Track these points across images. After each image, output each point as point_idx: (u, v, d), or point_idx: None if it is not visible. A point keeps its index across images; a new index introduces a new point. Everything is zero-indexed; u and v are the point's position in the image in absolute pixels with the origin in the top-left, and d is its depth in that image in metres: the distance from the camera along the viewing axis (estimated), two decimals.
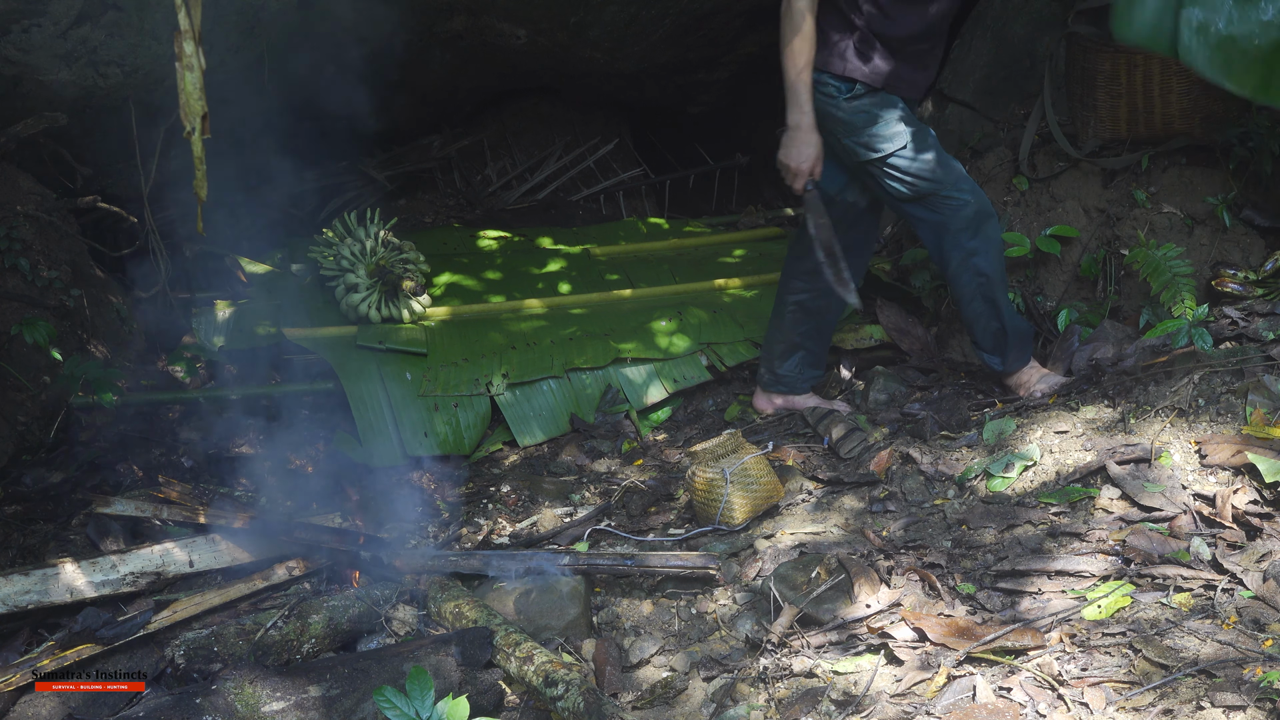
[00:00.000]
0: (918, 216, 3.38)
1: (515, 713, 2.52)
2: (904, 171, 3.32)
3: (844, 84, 3.29)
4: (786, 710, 2.33)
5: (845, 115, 3.29)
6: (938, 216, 3.34)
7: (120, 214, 4.15)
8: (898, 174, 3.32)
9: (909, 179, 3.32)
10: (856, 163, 3.36)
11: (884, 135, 3.30)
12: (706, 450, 3.14)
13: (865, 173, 3.38)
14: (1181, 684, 2.09)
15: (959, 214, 3.32)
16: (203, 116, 2.89)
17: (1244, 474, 2.62)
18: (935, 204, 3.34)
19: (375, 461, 3.76)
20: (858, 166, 3.38)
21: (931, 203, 3.34)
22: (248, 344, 4.14)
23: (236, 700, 2.37)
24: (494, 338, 4.20)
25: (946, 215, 3.33)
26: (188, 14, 2.72)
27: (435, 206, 5.88)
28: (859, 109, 3.29)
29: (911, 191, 3.33)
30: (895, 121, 3.30)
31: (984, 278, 3.37)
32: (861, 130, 3.30)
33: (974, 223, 3.34)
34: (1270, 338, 3.05)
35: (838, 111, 3.29)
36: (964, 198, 3.32)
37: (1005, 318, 3.42)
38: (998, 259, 3.40)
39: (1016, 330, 3.44)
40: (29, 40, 3.52)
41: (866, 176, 3.39)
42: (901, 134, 3.30)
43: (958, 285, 3.42)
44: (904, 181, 3.32)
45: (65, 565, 2.80)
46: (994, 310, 3.40)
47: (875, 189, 3.42)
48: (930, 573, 2.63)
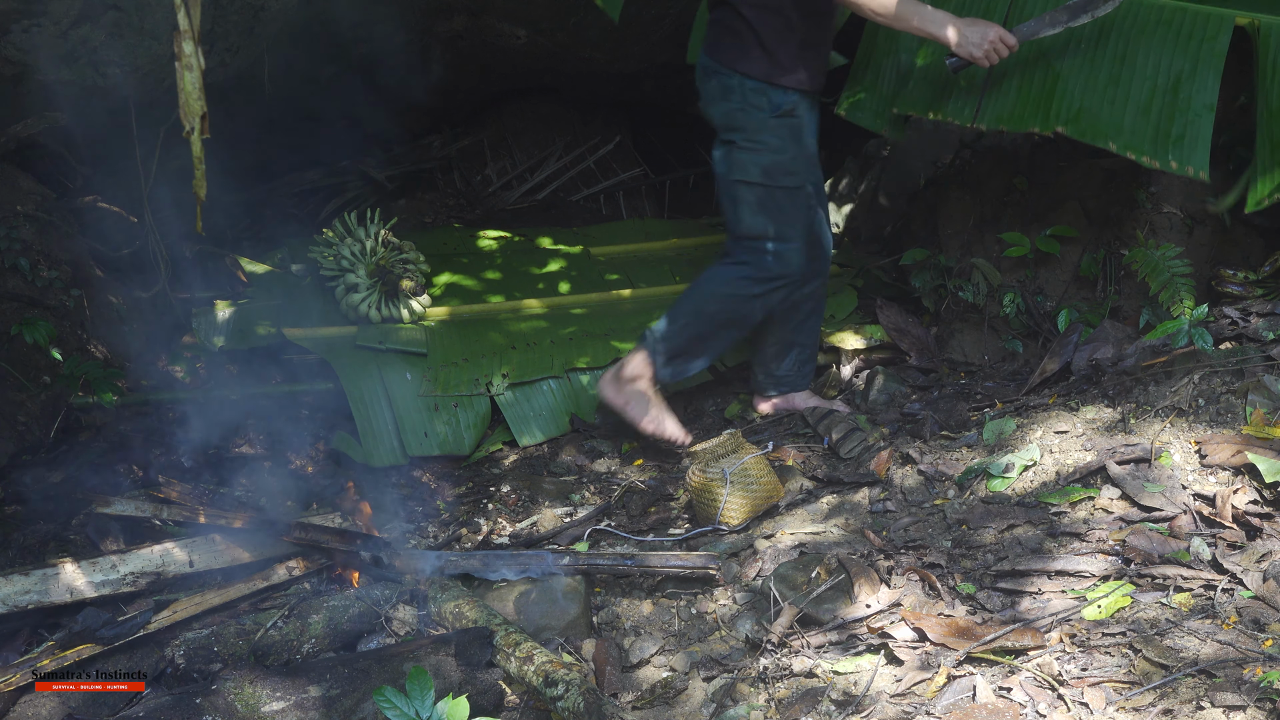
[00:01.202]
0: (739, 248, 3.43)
1: (515, 713, 2.52)
2: (757, 210, 3.36)
3: (784, 95, 3.30)
4: (786, 710, 2.33)
5: (770, 127, 3.30)
6: (748, 256, 3.41)
7: (120, 214, 4.15)
8: (752, 205, 3.36)
9: (759, 220, 3.36)
10: (726, 174, 3.37)
11: (787, 168, 3.33)
12: (706, 450, 3.14)
13: (725, 181, 3.38)
14: (1181, 684, 2.09)
15: (767, 262, 3.41)
16: (202, 116, 2.89)
17: (1244, 474, 2.62)
18: (757, 247, 3.38)
19: (375, 461, 3.76)
20: (724, 178, 3.38)
21: (757, 245, 3.38)
22: (248, 344, 4.14)
23: (236, 700, 2.37)
24: (494, 338, 4.20)
25: (755, 258, 3.40)
26: (187, 14, 2.73)
27: (435, 206, 5.88)
28: (784, 125, 3.32)
29: (751, 231, 3.36)
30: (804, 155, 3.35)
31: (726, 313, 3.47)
32: (771, 150, 3.31)
33: (767, 276, 3.42)
34: (1270, 338, 3.05)
35: (757, 116, 3.29)
36: (789, 256, 3.41)
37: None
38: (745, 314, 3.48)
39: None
40: (29, 40, 3.51)
41: (726, 184, 3.39)
42: (802, 172, 3.36)
43: (706, 298, 3.50)
44: (752, 216, 3.36)
45: (65, 565, 2.80)
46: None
47: (724, 198, 3.41)
48: (930, 573, 2.63)
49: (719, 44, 3.30)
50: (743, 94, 3.28)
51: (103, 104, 3.87)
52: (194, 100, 2.89)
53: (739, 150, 3.33)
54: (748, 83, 3.27)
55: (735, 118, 3.31)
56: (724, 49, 3.29)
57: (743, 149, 3.32)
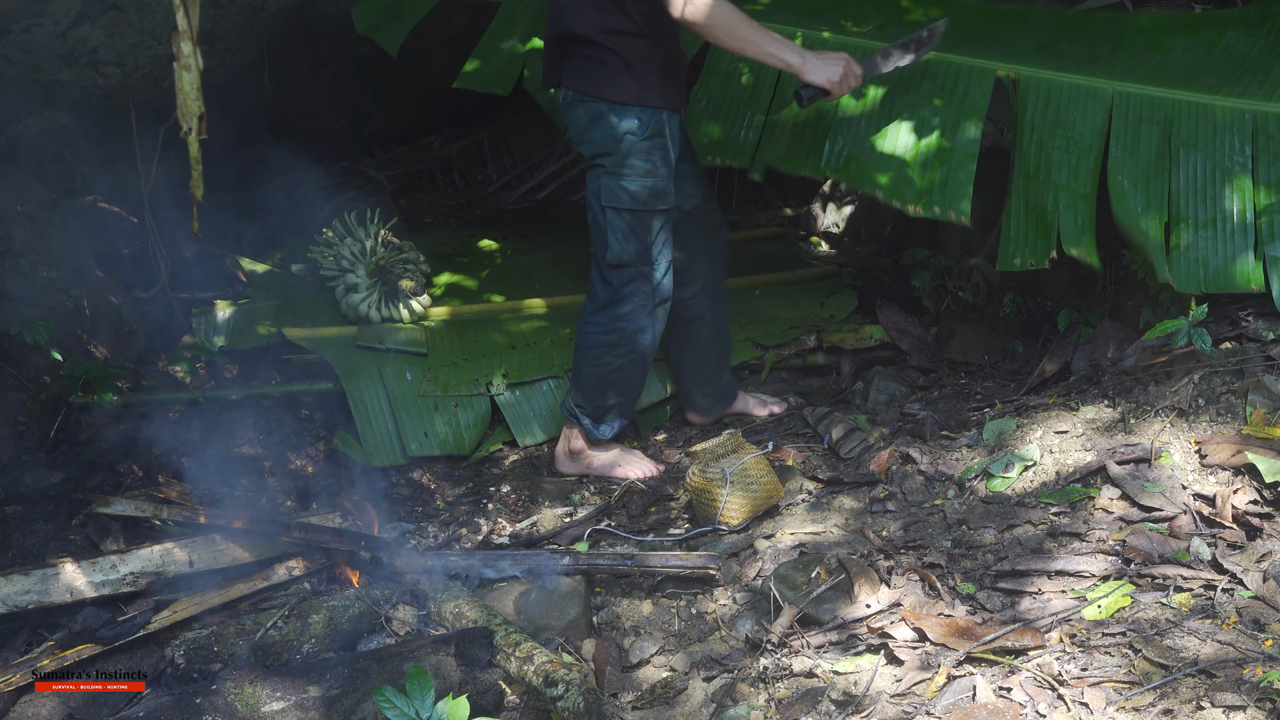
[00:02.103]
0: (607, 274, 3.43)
1: (515, 713, 2.52)
2: (627, 236, 3.35)
3: (653, 115, 3.29)
4: (786, 710, 2.33)
5: (640, 151, 3.28)
6: (619, 286, 3.41)
7: (120, 214, 4.15)
8: (623, 231, 3.34)
9: (629, 247, 3.35)
10: (595, 202, 3.35)
11: (659, 190, 3.32)
12: (706, 450, 3.14)
13: (595, 208, 3.37)
14: (1181, 684, 2.09)
15: (641, 289, 3.40)
16: (200, 116, 2.89)
17: (1244, 474, 2.62)
18: (627, 274, 3.39)
19: (375, 461, 3.76)
20: (593, 206, 3.38)
21: (626, 273, 3.38)
22: (248, 344, 4.14)
23: (236, 700, 2.37)
24: (494, 338, 4.20)
25: (627, 287, 3.40)
26: (186, 14, 2.73)
27: (435, 206, 5.88)
28: (654, 146, 3.30)
29: (620, 258, 3.36)
30: (666, 178, 3.33)
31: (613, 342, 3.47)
32: (640, 175, 3.30)
33: (648, 302, 3.42)
34: (1270, 338, 3.05)
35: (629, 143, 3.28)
36: (658, 277, 3.41)
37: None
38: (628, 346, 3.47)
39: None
40: (29, 40, 3.51)
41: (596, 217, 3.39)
42: (672, 193, 3.36)
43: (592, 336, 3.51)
44: (622, 243, 3.35)
45: (65, 565, 2.80)
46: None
47: (593, 226, 3.41)
48: (930, 573, 2.63)
49: (582, 73, 3.25)
50: (613, 120, 3.25)
51: (103, 104, 3.87)
52: (192, 101, 2.89)
53: (608, 176, 3.29)
54: (616, 108, 3.24)
55: (604, 144, 3.27)
56: (587, 77, 3.24)
57: (613, 174, 3.29)
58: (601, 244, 3.38)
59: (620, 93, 3.22)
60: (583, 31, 3.20)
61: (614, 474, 3.62)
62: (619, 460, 3.63)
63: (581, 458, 3.65)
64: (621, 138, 3.24)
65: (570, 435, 3.65)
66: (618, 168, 3.27)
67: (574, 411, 3.59)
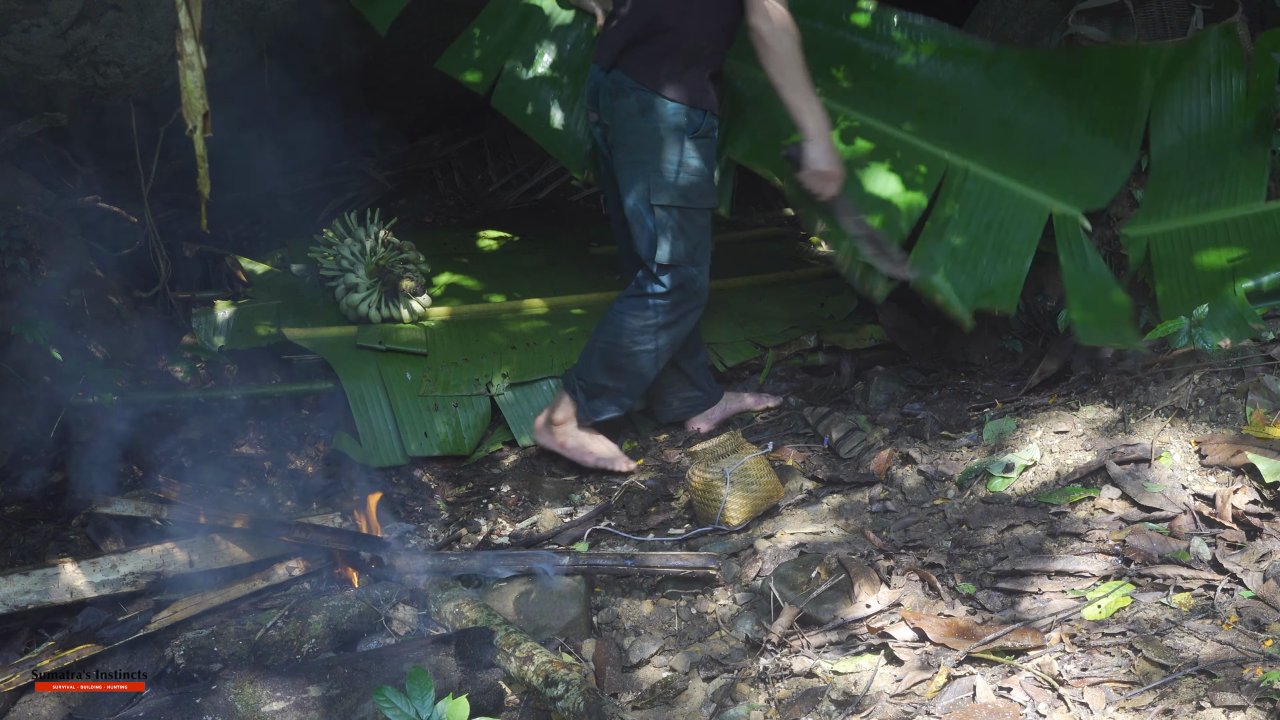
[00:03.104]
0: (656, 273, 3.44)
1: (515, 713, 2.52)
2: (677, 235, 3.37)
3: (704, 118, 3.34)
4: (786, 710, 2.33)
5: (689, 149, 3.33)
6: (665, 284, 3.42)
7: (120, 214, 4.15)
8: (672, 230, 3.36)
9: (679, 246, 3.38)
10: (641, 198, 3.36)
11: (704, 189, 3.38)
12: (706, 450, 3.14)
13: (640, 205, 3.38)
14: (1181, 684, 2.09)
15: (687, 288, 3.44)
16: (204, 115, 2.89)
17: (1244, 474, 2.62)
18: (676, 274, 3.40)
19: (375, 461, 3.76)
20: (638, 205, 3.38)
21: (676, 272, 3.40)
22: (248, 344, 4.14)
23: (236, 700, 2.37)
24: (494, 338, 4.20)
25: (672, 286, 3.42)
26: (188, 13, 2.72)
27: (435, 206, 5.88)
28: (702, 145, 3.36)
29: (670, 258, 3.38)
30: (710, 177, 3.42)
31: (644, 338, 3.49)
32: (690, 172, 3.34)
33: (685, 301, 3.44)
34: (1270, 338, 3.05)
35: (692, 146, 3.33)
36: (702, 279, 3.46)
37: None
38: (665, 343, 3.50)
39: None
40: (29, 40, 3.51)
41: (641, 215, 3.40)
42: (714, 193, 3.45)
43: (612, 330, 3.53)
44: (673, 241, 3.37)
45: (65, 565, 2.80)
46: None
47: (635, 224, 3.41)
48: (930, 573, 2.63)
49: (645, 62, 3.30)
50: (664, 114, 3.29)
51: (103, 104, 3.87)
52: (196, 99, 2.89)
53: (656, 174, 3.32)
54: (670, 105, 3.28)
55: (651, 136, 3.30)
56: (646, 70, 3.30)
57: (660, 172, 3.31)
58: (649, 244, 3.38)
59: (678, 91, 3.29)
60: (663, 24, 3.27)
61: (584, 459, 3.61)
62: (591, 446, 3.62)
63: (559, 432, 3.63)
64: (672, 131, 3.28)
65: (559, 405, 3.64)
66: (666, 164, 3.31)
67: (573, 385, 3.60)
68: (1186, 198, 3.55)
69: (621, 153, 3.40)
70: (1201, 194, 3.53)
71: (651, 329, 3.45)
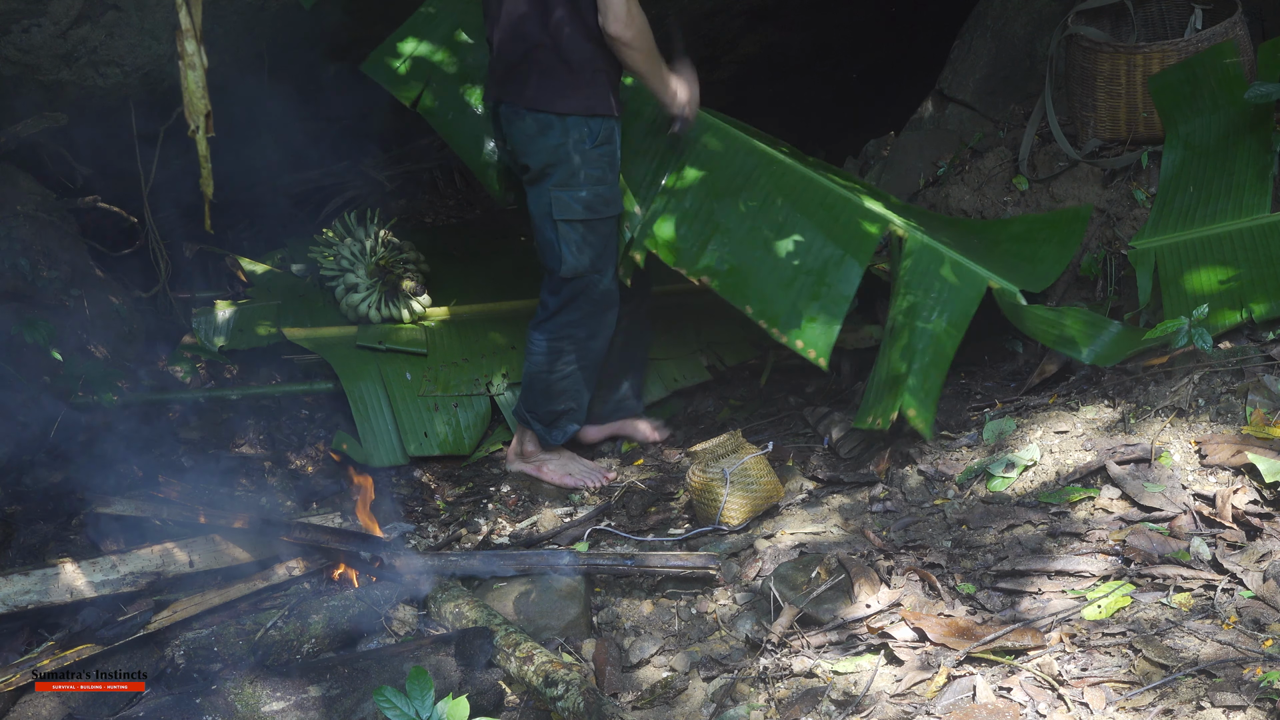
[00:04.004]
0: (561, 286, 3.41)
1: (515, 713, 2.52)
2: (581, 247, 3.34)
3: (602, 124, 3.30)
4: (786, 710, 2.33)
5: (591, 160, 3.29)
6: (571, 297, 3.41)
7: (120, 214, 4.15)
8: (576, 243, 3.34)
9: (583, 258, 3.35)
10: (545, 215, 3.34)
11: (608, 197, 3.34)
12: (706, 450, 3.14)
13: (544, 222, 3.36)
14: (1181, 684, 2.09)
15: (591, 297, 3.42)
16: (206, 114, 2.90)
17: (1244, 474, 2.62)
18: (580, 284, 3.39)
19: (375, 461, 3.77)
20: (542, 222, 3.36)
21: (579, 283, 3.38)
22: (248, 344, 4.14)
23: (236, 700, 2.37)
24: (494, 338, 4.20)
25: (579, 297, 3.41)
26: (189, 13, 2.73)
27: (435, 206, 5.88)
28: (604, 154, 3.31)
29: (574, 270, 3.36)
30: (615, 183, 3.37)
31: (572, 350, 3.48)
32: (593, 183, 3.31)
33: (597, 308, 3.43)
34: (1270, 338, 3.05)
35: (580, 155, 3.28)
36: (608, 284, 3.43)
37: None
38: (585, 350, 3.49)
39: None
40: (29, 40, 3.52)
41: (545, 231, 3.37)
42: (619, 200, 3.39)
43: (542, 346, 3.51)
44: (576, 254, 3.35)
45: (65, 565, 2.80)
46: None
47: (541, 240, 3.40)
48: (930, 573, 2.63)
49: (525, 85, 3.25)
50: (562, 130, 3.24)
51: (103, 104, 3.87)
52: (198, 99, 2.90)
53: (559, 189, 3.29)
54: (568, 119, 3.24)
55: (554, 154, 3.26)
56: (535, 89, 3.24)
57: (563, 186, 3.29)
58: (554, 258, 3.37)
59: (570, 103, 3.24)
60: (530, 41, 3.21)
61: (564, 483, 3.62)
62: (569, 469, 3.64)
63: (533, 460, 3.67)
64: (572, 147, 3.24)
65: (523, 439, 3.68)
66: (569, 179, 3.28)
67: (525, 419, 3.62)
68: (1193, 210, 3.54)
69: (525, 173, 3.37)
70: (1208, 206, 3.51)
71: (569, 349, 3.46)
